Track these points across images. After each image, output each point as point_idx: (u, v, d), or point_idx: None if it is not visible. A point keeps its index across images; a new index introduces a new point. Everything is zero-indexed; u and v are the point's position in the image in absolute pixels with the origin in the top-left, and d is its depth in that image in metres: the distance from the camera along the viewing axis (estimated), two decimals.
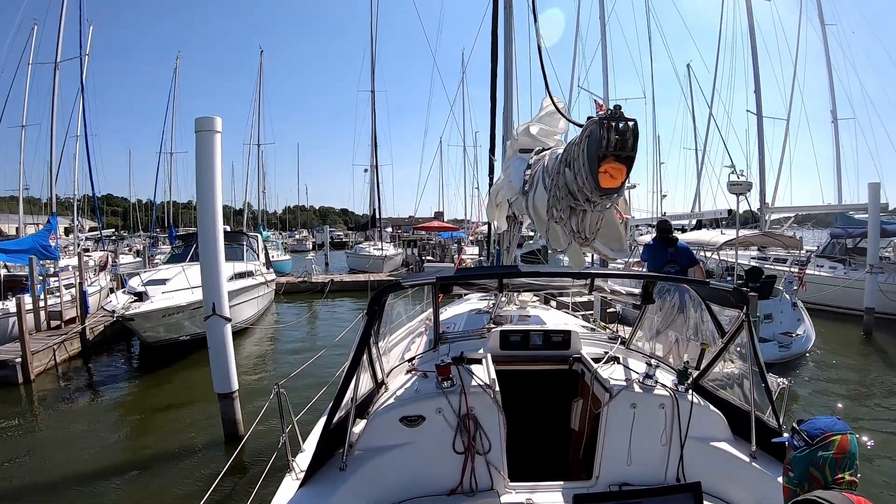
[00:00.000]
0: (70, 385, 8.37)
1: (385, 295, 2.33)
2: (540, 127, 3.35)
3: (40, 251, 11.08)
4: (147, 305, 8.75)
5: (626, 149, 1.76)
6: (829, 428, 1.31)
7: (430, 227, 32.31)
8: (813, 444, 1.30)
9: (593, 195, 1.88)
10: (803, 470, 1.31)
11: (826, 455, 1.27)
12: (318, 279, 19.03)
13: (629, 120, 1.74)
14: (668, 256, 5.51)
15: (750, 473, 2.24)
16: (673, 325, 3.88)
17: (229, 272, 10.45)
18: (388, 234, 35.07)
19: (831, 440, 1.29)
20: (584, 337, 3.29)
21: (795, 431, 1.37)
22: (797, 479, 1.32)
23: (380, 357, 2.67)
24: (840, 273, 13.26)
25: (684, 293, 3.46)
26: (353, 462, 2.16)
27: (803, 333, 8.61)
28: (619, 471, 2.36)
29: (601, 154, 1.76)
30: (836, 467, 1.26)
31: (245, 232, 16.42)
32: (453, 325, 4.08)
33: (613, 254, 2.45)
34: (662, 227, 5.95)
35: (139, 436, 6.25)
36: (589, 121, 1.87)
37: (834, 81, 18.74)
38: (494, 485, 2.26)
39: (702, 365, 2.63)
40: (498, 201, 4.58)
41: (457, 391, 2.32)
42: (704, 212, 13.41)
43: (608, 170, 1.79)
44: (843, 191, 18.45)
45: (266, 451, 4.59)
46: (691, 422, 2.36)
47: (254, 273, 12.97)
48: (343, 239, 45.58)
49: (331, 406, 2.14)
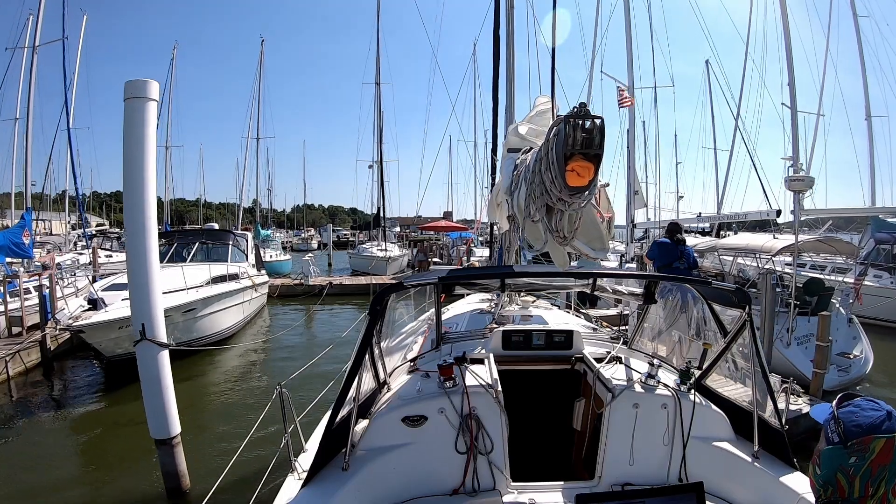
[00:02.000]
0: (18, 402, 7.23)
1: (387, 295, 2.34)
2: (529, 127, 3.35)
3: (12, 249, 10.29)
4: (100, 316, 7.65)
5: (593, 147, 1.76)
6: (873, 427, 1.01)
7: (435, 227, 31.14)
8: (848, 444, 1.02)
9: (563, 193, 1.89)
10: (831, 473, 1.06)
11: (860, 464, 1.00)
12: (315, 282, 17.95)
13: (596, 118, 1.75)
14: (678, 253, 5.94)
15: (752, 473, 2.24)
16: (675, 325, 3.87)
17: (204, 276, 10.12)
18: (395, 234, 34.28)
19: (871, 446, 1.00)
20: (587, 337, 3.29)
21: (833, 418, 1.09)
22: (823, 479, 1.08)
23: (382, 357, 2.67)
24: (886, 282, 12.13)
25: (686, 293, 3.45)
26: (355, 462, 2.17)
27: (861, 354, 7.44)
28: (621, 471, 2.36)
29: (568, 152, 1.77)
30: (870, 480, 1.00)
31: (231, 231, 15.32)
32: (455, 325, 4.09)
33: (595, 253, 2.43)
34: (673, 228, 6.49)
35: (87, 474, 5.26)
36: (556, 119, 1.87)
37: (867, 77, 17.57)
38: (497, 485, 2.26)
39: (704, 365, 2.63)
40: (498, 201, 4.58)
41: (459, 391, 2.32)
42: (748, 212, 11.92)
43: (575, 168, 1.80)
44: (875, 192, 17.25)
45: (268, 451, 4.59)
46: (694, 422, 2.36)
47: (239, 276, 12.03)
48: (350, 238, 44.33)
49: (333, 406, 2.14)
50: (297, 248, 40.76)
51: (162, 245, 12.30)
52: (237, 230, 18.07)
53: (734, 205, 19.54)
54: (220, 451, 5.56)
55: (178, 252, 11.85)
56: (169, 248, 11.91)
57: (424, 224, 35.43)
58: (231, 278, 11.41)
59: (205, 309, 9.76)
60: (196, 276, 10.00)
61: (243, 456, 3.54)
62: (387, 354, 3.10)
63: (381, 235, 26.65)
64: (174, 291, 8.80)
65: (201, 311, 9.64)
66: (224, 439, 5.93)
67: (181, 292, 9.04)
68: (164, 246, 12.13)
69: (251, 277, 12.80)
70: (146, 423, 4.53)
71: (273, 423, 4.60)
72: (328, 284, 17.36)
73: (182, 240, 12.56)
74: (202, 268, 10.51)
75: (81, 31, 20.57)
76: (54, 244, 17.77)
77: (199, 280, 9.95)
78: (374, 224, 28.27)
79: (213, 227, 16.25)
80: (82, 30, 20.63)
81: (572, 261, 2.93)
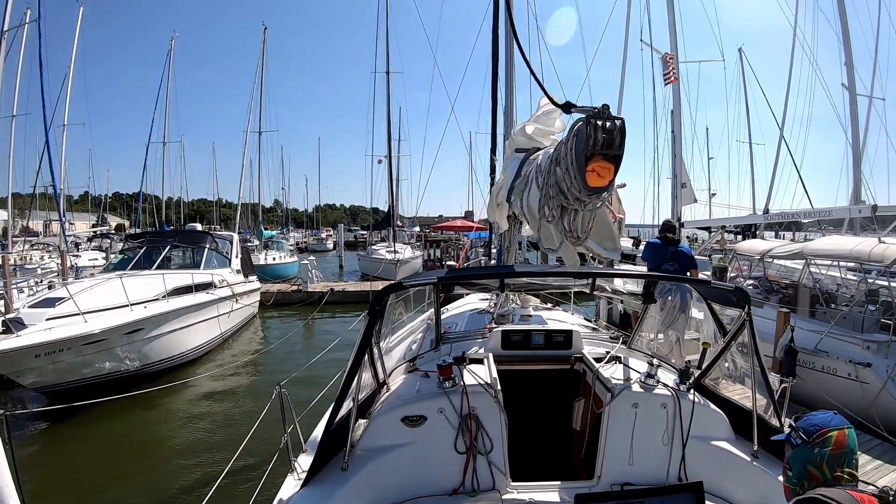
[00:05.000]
0: None
1: (386, 295, 2.33)
2: (535, 126, 3.35)
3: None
4: (4, 343, 5.98)
5: (614, 147, 1.77)
6: (826, 424, 1.29)
7: (450, 226, 29.26)
8: (809, 440, 1.28)
9: (581, 194, 1.89)
10: (801, 468, 1.29)
11: (823, 452, 1.25)
12: (315, 288, 16.24)
13: (616, 119, 1.75)
14: (668, 254, 5.73)
15: (752, 473, 2.24)
16: (674, 325, 3.87)
17: (158, 288, 8.37)
18: (413, 234, 32.58)
19: (828, 436, 1.27)
20: (586, 336, 3.29)
21: (793, 429, 1.35)
22: (796, 477, 1.30)
23: (381, 357, 2.67)
24: None
25: (685, 293, 3.46)
26: (354, 462, 2.16)
27: None
28: (620, 470, 2.36)
29: (588, 153, 1.78)
30: (834, 463, 1.24)
31: (208, 232, 13.29)
32: (455, 325, 4.09)
33: (607, 253, 2.45)
34: (667, 227, 6.30)
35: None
36: (576, 119, 1.88)
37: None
38: (496, 484, 2.26)
39: (703, 364, 2.63)
40: (498, 201, 4.57)
41: (458, 391, 2.32)
42: (833, 208, 9.32)
43: (596, 169, 1.80)
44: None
45: (267, 451, 4.58)
46: (693, 421, 2.36)
47: (216, 284, 10.27)
48: (366, 238, 41.86)
49: (332, 406, 2.14)
50: (313, 249, 39.18)
51: (129, 249, 11.04)
52: (247, 230, 16.74)
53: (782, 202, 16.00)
54: (218, 453, 5.57)
55: (146, 257, 10.30)
56: (136, 252, 10.47)
57: (437, 224, 33.80)
58: (202, 288, 9.68)
59: (159, 328, 8.11)
60: (148, 287, 8.38)
61: (243, 456, 3.53)
62: (386, 354, 3.10)
63: (392, 235, 24.91)
64: (113, 308, 7.37)
65: (154, 331, 8.01)
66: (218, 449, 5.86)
67: (123, 309, 7.44)
68: (132, 250, 10.84)
69: (231, 286, 10.97)
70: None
71: (272, 423, 4.61)
72: (329, 291, 15.83)
73: (152, 243, 10.94)
74: (156, 277, 8.82)
75: (78, 24, 20.20)
76: (52, 245, 17.12)
77: (150, 293, 8.29)
78: (384, 223, 26.32)
79: (195, 228, 14.50)
80: (78, 22, 20.23)
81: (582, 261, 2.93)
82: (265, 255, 21.88)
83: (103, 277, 8.76)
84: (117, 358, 7.42)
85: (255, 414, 3.68)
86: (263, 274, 17.85)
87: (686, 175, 11.19)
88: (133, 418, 6.62)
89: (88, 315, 6.85)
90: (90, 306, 7.07)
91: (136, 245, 10.97)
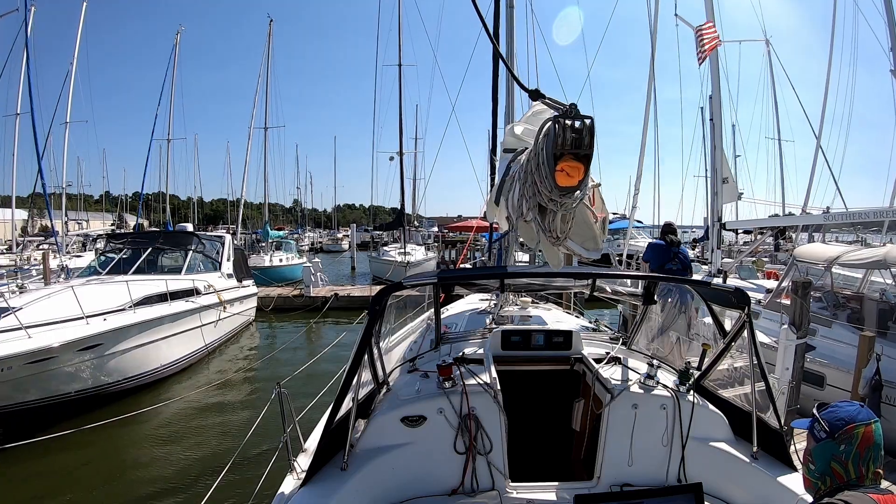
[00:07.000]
0: None
1: (386, 295, 2.33)
2: (525, 127, 3.35)
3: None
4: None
5: (583, 147, 1.77)
6: (853, 417, 1.19)
7: (464, 226, 27.90)
8: (835, 436, 1.18)
9: (553, 193, 1.89)
10: (825, 464, 1.20)
11: (849, 449, 1.16)
12: (318, 292, 15.19)
13: (586, 118, 1.75)
14: (670, 255, 5.79)
15: (751, 474, 2.24)
16: (674, 326, 3.87)
17: (122, 297, 7.40)
18: (431, 235, 31.74)
19: (855, 432, 1.17)
20: (586, 337, 3.29)
21: (816, 419, 1.24)
22: (818, 472, 1.22)
23: (381, 357, 2.67)
24: None
25: (685, 294, 3.45)
26: (354, 462, 2.16)
27: None
28: (620, 471, 2.36)
29: (558, 152, 1.78)
30: (860, 462, 1.16)
31: (195, 233, 11.93)
32: (455, 325, 4.09)
33: (588, 253, 2.44)
34: (668, 229, 6.34)
35: None
36: (546, 119, 1.87)
37: None
38: (496, 485, 2.26)
39: (703, 365, 2.63)
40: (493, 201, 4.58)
41: (458, 391, 2.32)
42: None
43: (565, 168, 1.80)
44: None
45: (267, 451, 4.59)
46: (693, 422, 2.36)
47: (199, 290, 9.33)
48: (384, 238, 39.64)
49: (332, 406, 2.14)
50: (328, 249, 38.49)
51: (110, 251, 10.13)
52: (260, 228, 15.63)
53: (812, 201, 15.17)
54: (216, 452, 5.56)
55: (127, 260, 9.52)
56: (114, 255, 9.62)
57: (450, 224, 32.77)
58: (182, 295, 8.77)
59: (123, 342, 7.15)
60: (115, 296, 7.48)
61: (242, 456, 3.52)
62: (386, 354, 3.10)
63: (403, 236, 23.83)
64: (67, 321, 6.47)
65: (117, 346, 7.07)
66: (216, 447, 5.84)
67: (77, 322, 6.52)
68: (113, 252, 9.95)
69: (219, 292, 9.95)
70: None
71: (272, 423, 4.61)
72: (333, 296, 14.71)
73: (135, 244, 10.05)
74: (120, 285, 7.84)
75: (80, 21, 20.07)
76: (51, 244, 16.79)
77: (114, 302, 7.35)
78: (396, 223, 25.08)
79: (184, 228, 13.39)
80: (81, 19, 20.09)
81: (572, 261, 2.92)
82: (271, 256, 21.16)
83: (63, 285, 7.71)
84: (72, 377, 6.52)
85: (252, 418, 3.63)
86: (269, 276, 17.48)
87: (727, 169, 9.50)
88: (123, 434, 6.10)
89: (33, 329, 5.97)
90: (41, 318, 6.24)
91: (118, 246, 10.12)
